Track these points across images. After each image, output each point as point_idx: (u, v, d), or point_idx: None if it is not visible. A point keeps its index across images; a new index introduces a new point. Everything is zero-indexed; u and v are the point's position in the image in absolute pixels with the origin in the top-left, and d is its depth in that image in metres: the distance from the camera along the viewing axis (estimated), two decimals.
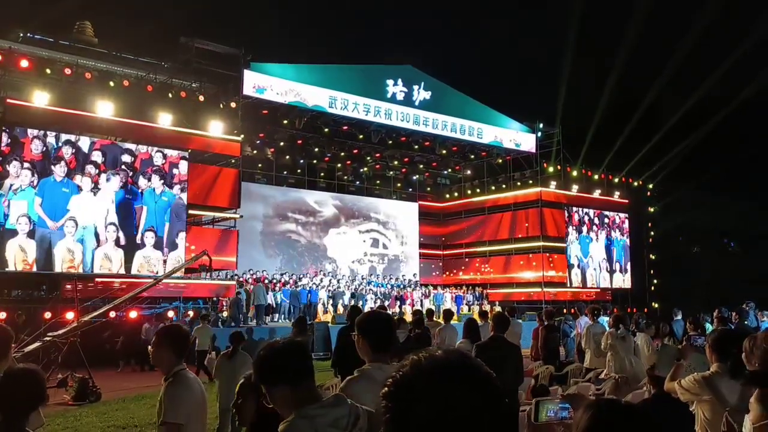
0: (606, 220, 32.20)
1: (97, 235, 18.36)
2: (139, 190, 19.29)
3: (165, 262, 19.31)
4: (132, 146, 19.40)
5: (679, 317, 13.02)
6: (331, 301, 24.06)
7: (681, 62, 33.49)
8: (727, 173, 38.05)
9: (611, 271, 31.94)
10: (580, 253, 30.61)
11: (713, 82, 30.40)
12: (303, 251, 29.13)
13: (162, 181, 19.60)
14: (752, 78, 32.70)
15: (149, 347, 3.64)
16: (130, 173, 19.15)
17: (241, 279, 23.07)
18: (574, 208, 30.97)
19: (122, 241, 18.78)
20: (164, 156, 19.81)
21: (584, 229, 31.10)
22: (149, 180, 19.45)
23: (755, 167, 39.52)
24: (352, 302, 23.34)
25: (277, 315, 23.21)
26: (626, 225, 33.24)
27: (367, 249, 31.15)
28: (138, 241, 19.08)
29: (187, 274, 20.36)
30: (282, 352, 2.43)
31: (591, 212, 31.52)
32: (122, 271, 18.66)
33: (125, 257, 18.78)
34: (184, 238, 19.83)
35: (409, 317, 22.29)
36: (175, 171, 19.97)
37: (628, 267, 32.91)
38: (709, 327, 10.30)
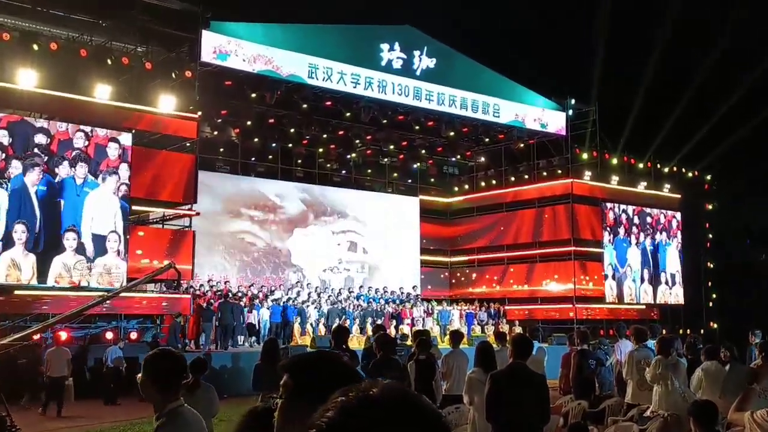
0: (649, 219, 32.29)
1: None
2: (56, 180, 18.84)
3: (90, 269, 19.10)
4: (46, 123, 19.05)
5: (759, 341, 13.02)
6: (323, 320, 24.09)
7: (747, 23, 33.55)
8: None
9: (656, 283, 32.04)
10: (616, 261, 30.71)
11: None
12: (260, 257, 29.01)
13: (86, 168, 19.33)
14: None
15: (138, 375, 3.68)
16: (45, 158, 18.79)
17: (198, 292, 23.07)
18: (613, 205, 31.04)
19: (34, 245, 18.47)
20: (87, 137, 19.48)
21: (621, 230, 31.15)
22: (72, 167, 19.10)
23: None
24: (345, 322, 23.37)
25: (242, 337, 23.24)
26: (675, 225, 33.35)
27: (343, 254, 31.09)
28: (55, 244, 18.71)
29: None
30: (345, 373, 2.35)
31: (630, 210, 31.61)
32: (34, 282, 18.30)
33: (39, 264, 18.38)
34: (118, 241, 19.55)
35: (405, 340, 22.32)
36: (104, 155, 19.68)
37: (679, 278, 33.01)
38: None
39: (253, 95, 24.65)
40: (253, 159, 29.73)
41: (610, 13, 29.96)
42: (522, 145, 31.68)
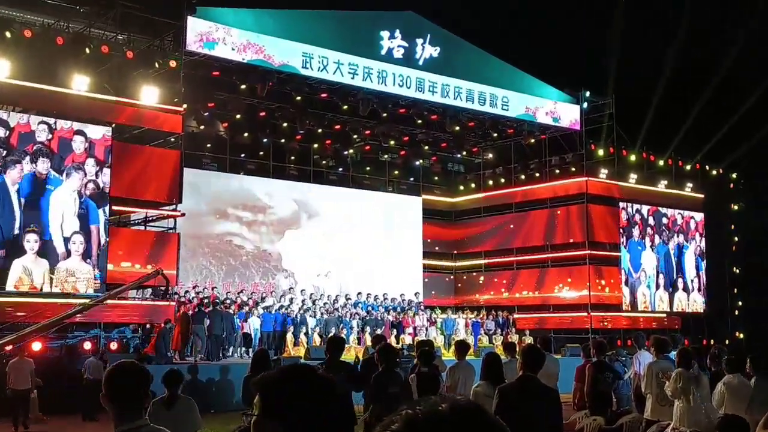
0: (664, 220, 32.25)
1: None
2: (20, 175, 18.75)
3: (53, 273, 18.89)
4: (5, 114, 18.97)
5: None
6: (318, 330, 24.17)
7: None
8: None
9: (673, 290, 32.04)
10: (630, 265, 30.72)
11: None
12: (248, 261, 29.05)
13: (48, 164, 19.23)
14: None
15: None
16: (4, 153, 18.73)
17: (183, 299, 23.10)
18: (628, 205, 31.00)
19: (12, 248, 18.41)
20: (51, 129, 19.43)
21: (636, 232, 31.11)
22: (33, 162, 18.99)
23: None
24: (342, 332, 23.45)
25: (232, 348, 23.30)
26: (694, 227, 33.28)
27: (339, 258, 30.78)
28: (15, 245, 18.62)
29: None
30: (318, 388, 2.36)
31: (645, 210, 31.55)
32: None
33: None
34: (83, 243, 19.37)
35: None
36: (69, 149, 19.57)
37: (697, 284, 32.99)
38: None
39: (243, 87, 24.68)
40: (242, 155, 29.74)
41: None
42: (533, 140, 31.69)
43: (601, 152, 31.17)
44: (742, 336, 34.31)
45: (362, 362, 12.78)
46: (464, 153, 33.51)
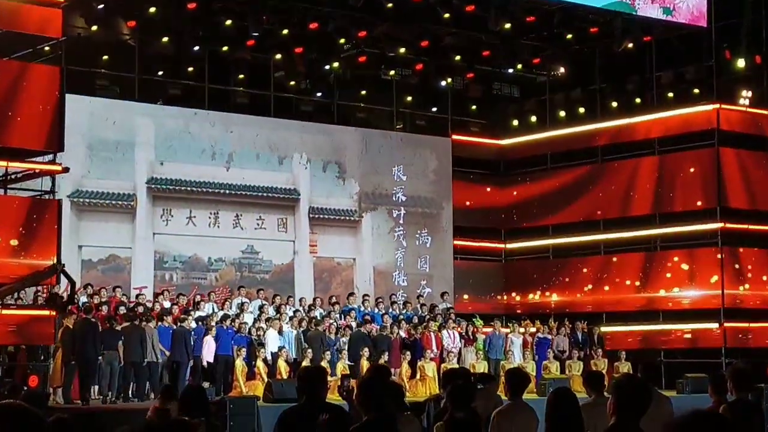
0: None
1: None
2: None
3: None
4: None
5: None
6: (285, 353, 24.35)
7: None
8: None
9: None
10: None
11: None
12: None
13: None
14: None
15: None
16: None
17: (69, 306, 23.18)
18: None
19: None
20: None
21: None
22: None
23: None
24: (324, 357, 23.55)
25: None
26: None
27: (318, 239, 31.25)
28: None
29: None
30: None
31: None
32: None
33: None
34: None
35: (431, 386, 22.39)
36: None
37: None
38: None
39: None
40: (159, 73, 29.72)
41: None
42: (631, 45, 31.54)
43: (741, 63, 31.07)
44: None
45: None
46: (519, 67, 33.41)
